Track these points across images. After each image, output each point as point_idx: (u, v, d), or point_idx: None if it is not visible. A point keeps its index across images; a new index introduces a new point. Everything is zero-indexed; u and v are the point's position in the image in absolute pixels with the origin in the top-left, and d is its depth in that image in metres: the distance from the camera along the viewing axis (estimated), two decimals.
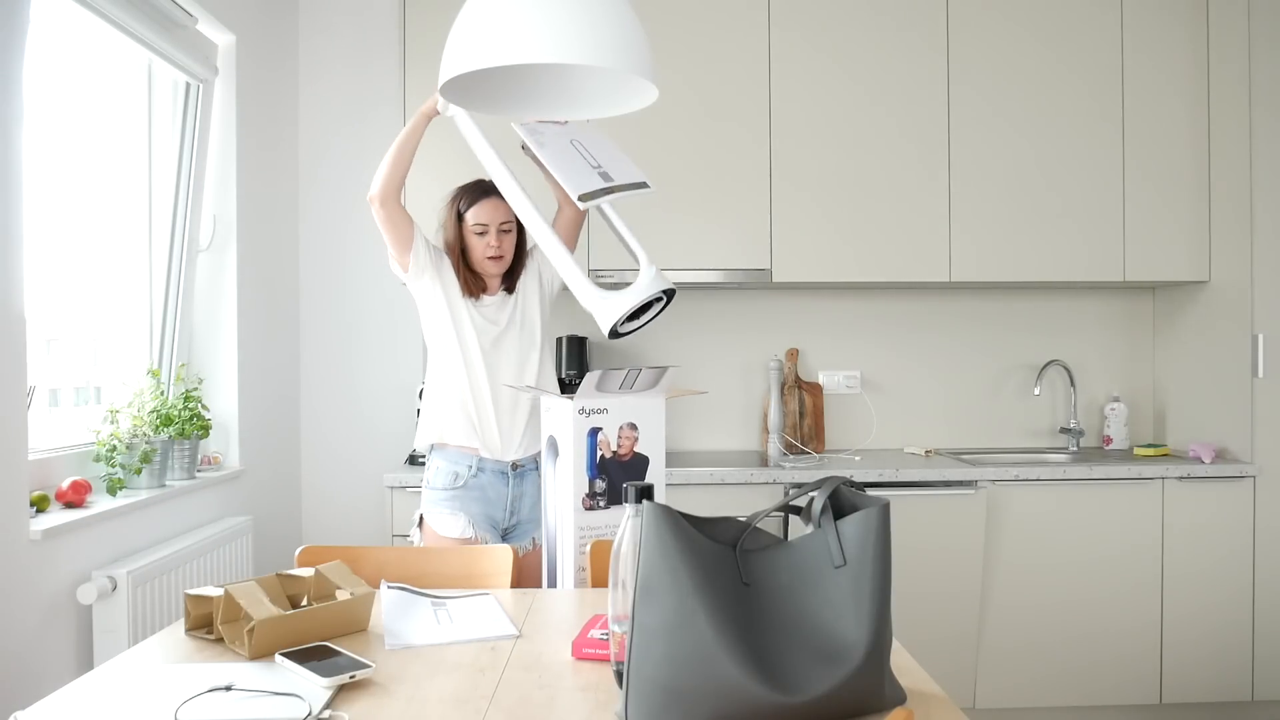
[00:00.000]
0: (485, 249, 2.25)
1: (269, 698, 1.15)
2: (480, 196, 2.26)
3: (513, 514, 2.28)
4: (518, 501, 2.27)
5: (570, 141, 1.95)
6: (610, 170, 1.93)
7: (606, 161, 1.94)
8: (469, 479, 2.23)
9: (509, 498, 2.26)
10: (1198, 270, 3.17)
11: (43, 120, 2.24)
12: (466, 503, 2.23)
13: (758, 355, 3.49)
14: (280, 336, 3.23)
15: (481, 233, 2.25)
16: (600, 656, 1.30)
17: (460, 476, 2.23)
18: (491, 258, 2.26)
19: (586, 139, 1.97)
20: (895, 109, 3.14)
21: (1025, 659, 2.97)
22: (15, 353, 1.94)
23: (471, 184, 2.30)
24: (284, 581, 1.49)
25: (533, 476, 2.28)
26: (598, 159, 1.94)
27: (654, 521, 1.05)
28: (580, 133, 1.98)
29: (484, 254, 2.26)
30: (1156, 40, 3.16)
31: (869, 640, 1.05)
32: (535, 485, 2.26)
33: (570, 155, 1.93)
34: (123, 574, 2.15)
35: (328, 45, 3.39)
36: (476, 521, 2.23)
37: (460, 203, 2.28)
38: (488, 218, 2.25)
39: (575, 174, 1.88)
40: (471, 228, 2.26)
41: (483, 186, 2.27)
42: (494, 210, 2.25)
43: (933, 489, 2.90)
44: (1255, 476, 2.98)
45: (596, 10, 1.46)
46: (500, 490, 2.25)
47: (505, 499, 2.26)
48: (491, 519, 2.26)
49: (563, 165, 1.89)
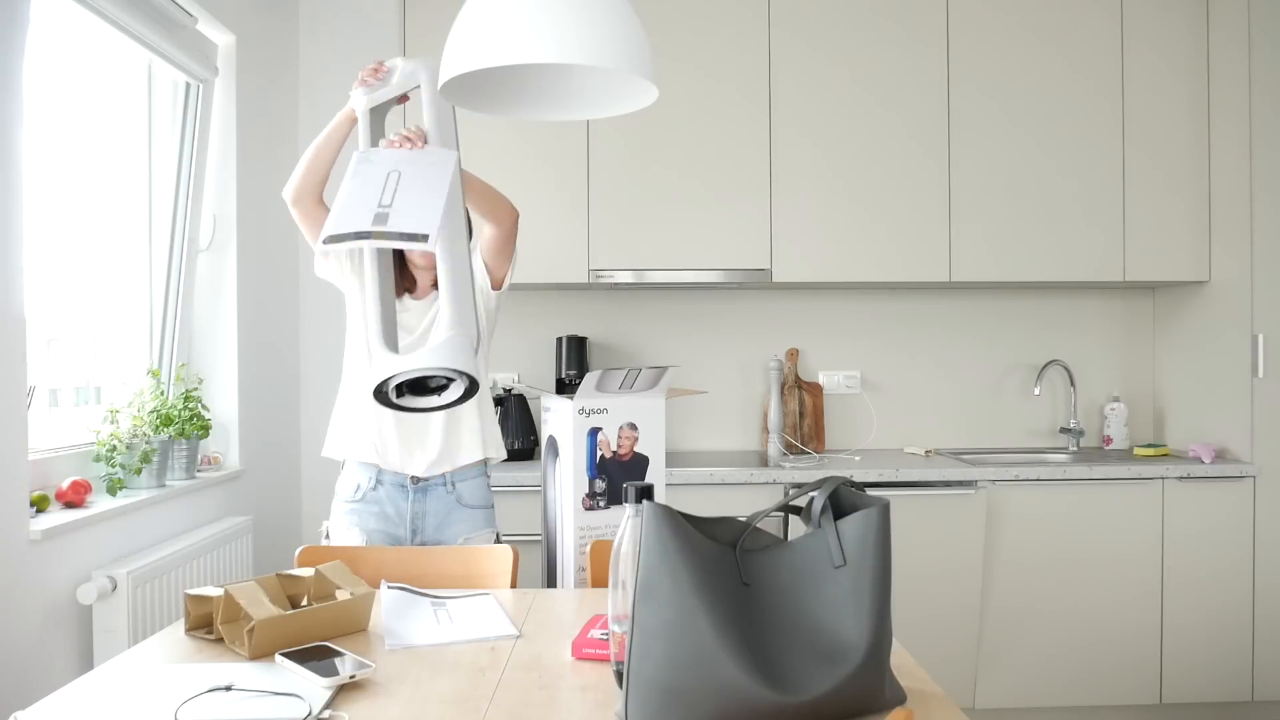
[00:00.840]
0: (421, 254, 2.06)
1: (269, 698, 1.15)
2: None
3: (415, 532, 2.07)
4: (419, 519, 2.07)
5: (389, 173, 1.65)
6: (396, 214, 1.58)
7: (405, 205, 1.59)
8: (368, 491, 2.05)
9: (409, 514, 2.06)
10: (1198, 270, 3.17)
11: (43, 120, 2.24)
12: (364, 517, 2.06)
13: (758, 355, 3.49)
14: (280, 336, 3.23)
15: None
16: (600, 656, 1.30)
17: (360, 488, 2.06)
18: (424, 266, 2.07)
19: (413, 174, 1.66)
20: (895, 109, 3.14)
21: (1025, 659, 2.97)
22: (15, 353, 1.94)
23: None
24: (284, 581, 1.49)
25: (439, 493, 2.07)
26: (396, 199, 1.60)
27: (654, 521, 1.05)
28: (416, 167, 1.68)
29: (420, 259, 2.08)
30: (1157, 40, 3.16)
31: (869, 640, 1.05)
32: (442, 503, 2.07)
33: (368, 188, 1.63)
34: (123, 574, 2.15)
35: (328, 45, 3.39)
36: (372, 539, 2.06)
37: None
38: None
39: (347, 210, 1.59)
40: None
41: None
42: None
43: (933, 489, 2.90)
44: (1255, 476, 2.98)
45: (596, 10, 1.45)
46: (400, 505, 2.06)
47: (405, 515, 2.06)
48: (391, 536, 2.07)
49: (348, 197, 1.61)
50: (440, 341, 1.55)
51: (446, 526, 2.07)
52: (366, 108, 1.83)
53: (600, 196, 3.11)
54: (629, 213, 3.12)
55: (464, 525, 2.07)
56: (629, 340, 3.46)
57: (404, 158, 1.69)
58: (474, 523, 2.08)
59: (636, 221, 3.12)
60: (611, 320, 3.46)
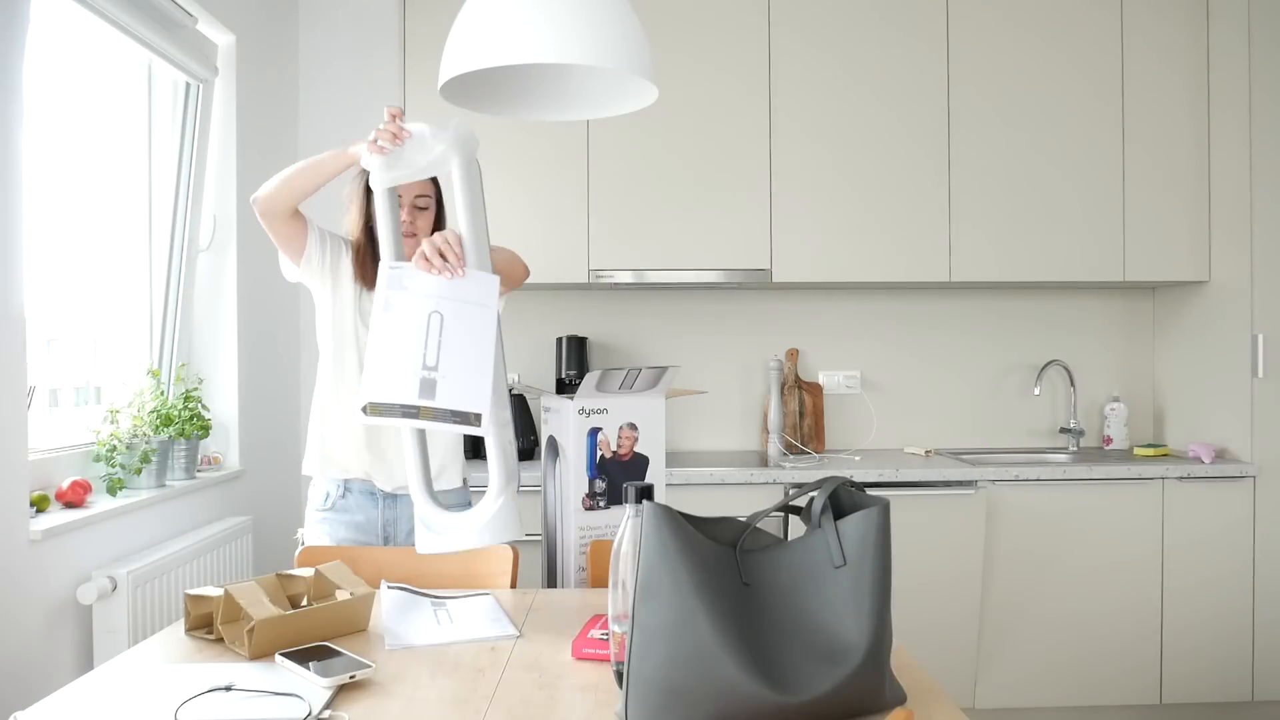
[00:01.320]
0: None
1: (269, 698, 1.15)
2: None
3: (387, 540, 2.02)
4: (391, 526, 2.01)
5: (429, 314, 1.51)
6: (445, 383, 1.48)
7: (453, 368, 1.48)
8: (336, 499, 2.00)
9: (380, 521, 2.00)
10: (1198, 270, 3.17)
11: (43, 120, 2.24)
12: (335, 526, 2.00)
13: (758, 355, 3.49)
14: (280, 336, 3.23)
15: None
16: (600, 656, 1.30)
17: (329, 496, 2.00)
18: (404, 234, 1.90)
19: (456, 316, 1.52)
20: (895, 109, 3.14)
21: (1025, 659, 2.97)
22: (15, 353, 1.94)
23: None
24: (284, 581, 1.49)
25: (407, 501, 1.99)
26: (442, 358, 1.49)
27: (654, 521, 1.05)
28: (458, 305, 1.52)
29: None
30: (1156, 40, 3.16)
31: (869, 640, 1.05)
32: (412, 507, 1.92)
33: (408, 337, 1.49)
34: (123, 574, 2.15)
35: (328, 45, 3.39)
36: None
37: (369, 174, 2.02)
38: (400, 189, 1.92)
39: (389, 371, 1.47)
40: None
41: None
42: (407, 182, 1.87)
43: (933, 489, 2.90)
44: (1255, 476, 2.98)
45: (596, 10, 1.46)
46: (370, 513, 2.00)
47: (377, 523, 2.00)
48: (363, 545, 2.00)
49: (387, 349, 1.48)
50: (493, 514, 1.52)
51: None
52: (385, 186, 1.61)
53: (600, 196, 3.11)
54: (629, 213, 3.12)
55: None
56: (629, 340, 3.46)
57: (443, 290, 1.52)
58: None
59: (636, 221, 3.12)
60: (611, 320, 3.46)
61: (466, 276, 1.54)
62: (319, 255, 1.96)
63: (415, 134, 1.60)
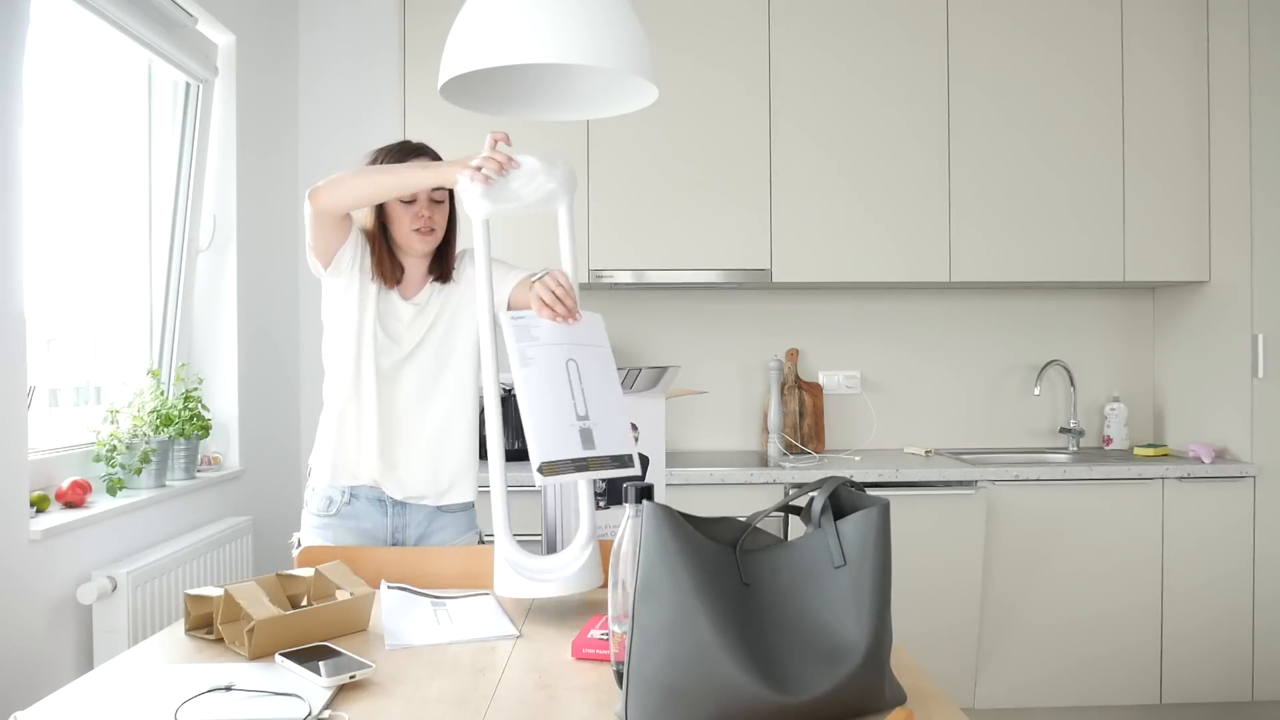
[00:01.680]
0: (412, 219, 1.84)
1: (269, 698, 1.15)
2: (406, 157, 1.86)
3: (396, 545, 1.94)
4: (400, 532, 1.93)
5: (566, 362, 1.49)
6: (599, 432, 1.47)
7: (600, 415, 1.48)
8: (341, 505, 1.91)
9: (389, 528, 1.92)
10: (1198, 270, 3.17)
11: (43, 120, 2.24)
12: (338, 532, 1.92)
13: (758, 355, 3.49)
14: (280, 336, 3.23)
15: (409, 200, 1.84)
16: (600, 656, 1.30)
17: (333, 502, 1.92)
18: (418, 230, 1.84)
19: (587, 363, 1.51)
20: (896, 108, 3.14)
21: (1025, 659, 2.97)
22: (15, 353, 1.94)
23: (396, 144, 1.91)
24: (284, 581, 1.49)
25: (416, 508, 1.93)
26: (590, 407, 1.48)
27: (654, 521, 1.05)
28: (584, 351, 1.52)
29: (410, 226, 1.84)
30: (1156, 40, 3.16)
31: (869, 640, 1.05)
32: (423, 514, 1.94)
33: (555, 390, 1.48)
34: (123, 574, 2.15)
35: (328, 45, 3.39)
36: None
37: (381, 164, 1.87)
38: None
39: (552, 427, 1.44)
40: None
41: (409, 146, 1.90)
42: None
43: (933, 489, 2.90)
44: (1255, 476, 2.98)
45: (596, 10, 1.46)
46: (377, 520, 1.92)
47: (385, 529, 1.92)
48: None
49: (543, 405, 1.46)
50: (582, 564, 1.50)
51: (428, 537, 1.95)
52: (484, 217, 1.55)
53: (600, 197, 3.11)
54: (629, 213, 3.12)
55: (448, 532, 1.97)
56: (629, 340, 3.46)
57: (567, 337, 1.52)
58: (457, 527, 1.98)
59: (636, 221, 3.12)
60: (611, 320, 3.44)
61: (584, 321, 1.55)
62: (351, 256, 1.87)
63: (525, 166, 1.55)
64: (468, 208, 1.57)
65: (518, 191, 1.54)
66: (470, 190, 1.55)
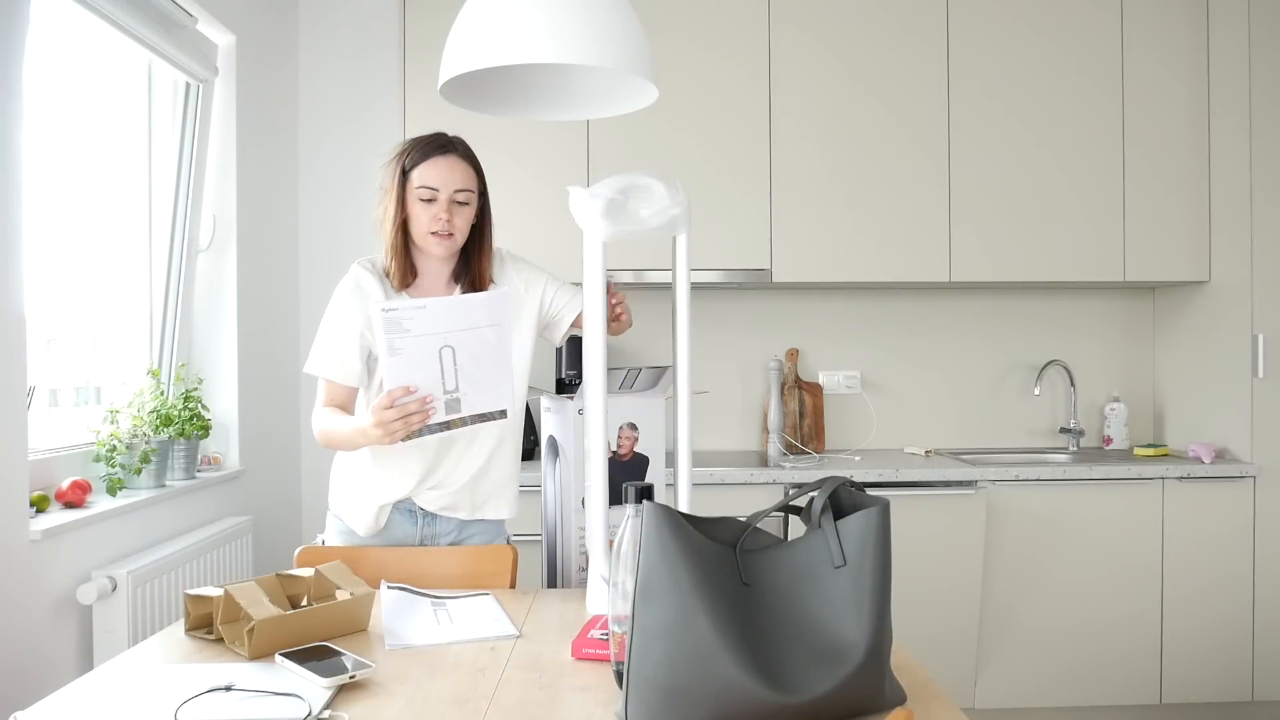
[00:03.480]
0: (430, 221, 1.73)
1: (269, 698, 1.15)
2: (434, 153, 1.74)
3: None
4: (430, 540, 1.88)
5: (439, 350, 1.55)
6: (465, 396, 1.58)
7: (468, 382, 1.58)
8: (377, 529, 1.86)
9: (418, 537, 1.87)
10: (1198, 270, 3.17)
11: (43, 120, 2.24)
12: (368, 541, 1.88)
13: (758, 355, 3.49)
14: (280, 336, 3.23)
15: (429, 199, 1.73)
16: (600, 656, 1.30)
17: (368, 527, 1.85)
18: (435, 233, 1.73)
19: (460, 341, 1.56)
20: (896, 108, 3.14)
21: (1025, 659, 2.97)
22: (15, 353, 1.94)
23: (427, 136, 1.79)
24: (284, 581, 1.49)
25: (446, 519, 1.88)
26: (458, 379, 1.57)
27: (654, 521, 1.05)
28: (456, 328, 1.55)
29: (428, 227, 1.73)
30: (1157, 40, 3.16)
31: (869, 640, 1.05)
32: (453, 525, 1.89)
33: (425, 373, 1.55)
34: (123, 574, 2.15)
35: (328, 45, 3.39)
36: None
37: (406, 159, 1.75)
38: (438, 180, 1.72)
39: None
40: (416, 191, 1.73)
41: (440, 140, 1.77)
42: (449, 172, 1.73)
43: (933, 489, 2.90)
44: (1255, 476, 2.98)
45: (596, 10, 1.46)
46: (407, 529, 1.86)
47: (414, 538, 1.87)
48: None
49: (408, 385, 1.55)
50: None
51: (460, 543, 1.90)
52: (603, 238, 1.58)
53: None
54: None
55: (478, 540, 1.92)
56: (629, 340, 3.46)
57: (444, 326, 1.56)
58: (488, 534, 1.93)
59: None
60: None
61: (480, 302, 1.60)
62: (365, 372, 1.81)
63: (646, 187, 1.50)
64: (584, 228, 1.54)
65: (637, 214, 1.51)
66: (589, 210, 1.52)
